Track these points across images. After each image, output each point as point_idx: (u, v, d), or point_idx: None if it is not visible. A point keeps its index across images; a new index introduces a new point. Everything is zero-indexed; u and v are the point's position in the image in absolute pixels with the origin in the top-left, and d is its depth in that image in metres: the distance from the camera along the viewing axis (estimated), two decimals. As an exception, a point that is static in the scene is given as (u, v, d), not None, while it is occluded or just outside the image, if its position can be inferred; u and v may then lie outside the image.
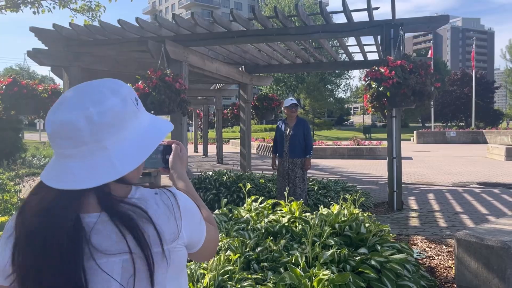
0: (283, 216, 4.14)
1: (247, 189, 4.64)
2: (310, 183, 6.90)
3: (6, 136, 13.41)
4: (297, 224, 3.79)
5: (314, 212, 4.15)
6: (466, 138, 28.43)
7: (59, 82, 8.15)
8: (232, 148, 25.99)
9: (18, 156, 14.02)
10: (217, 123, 15.41)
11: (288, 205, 4.29)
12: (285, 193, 4.59)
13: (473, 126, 33.06)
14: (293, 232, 3.62)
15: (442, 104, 49.50)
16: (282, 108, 6.59)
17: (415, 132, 30.46)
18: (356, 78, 65.11)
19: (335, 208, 4.15)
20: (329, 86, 46.94)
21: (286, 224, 3.76)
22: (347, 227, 3.60)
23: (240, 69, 10.35)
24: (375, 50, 9.09)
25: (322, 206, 4.57)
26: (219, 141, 15.24)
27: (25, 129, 23.54)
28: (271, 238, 3.56)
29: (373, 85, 5.71)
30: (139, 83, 6.36)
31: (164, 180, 10.07)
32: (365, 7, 6.46)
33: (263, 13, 15.53)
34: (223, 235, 3.70)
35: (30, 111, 7.46)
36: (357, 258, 3.12)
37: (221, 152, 15.06)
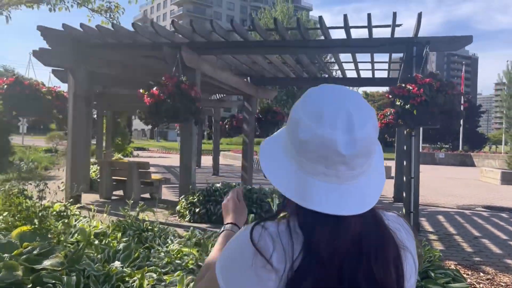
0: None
1: (274, 204, 4.41)
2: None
3: (-5, 138, 12.88)
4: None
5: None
6: (455, 161, 28.74)
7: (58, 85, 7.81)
8: (223, 160, 25.66)
9: (5, 160, 13.48)
10: (215, 135, 15.14)
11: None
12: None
13: (460, 149, 33.49)
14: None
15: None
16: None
17: (404, 151, 30.64)
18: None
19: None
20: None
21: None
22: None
23: (245, 80, 10.17)
24: (370, 68, 9.01)
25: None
26: (215, 152, 14.97)
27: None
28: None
29: (398, 103, 5.58)
30: (154, 89, 6.10)
31: (164, 191, 9.76)
32: (367, 24, 6.36)
33: (261, 23, 15.31)
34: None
35: (33, 112, 7.11)
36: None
37: (217, 164, 14.77)
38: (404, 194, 6.54)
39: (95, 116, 13.99)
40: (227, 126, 15.16)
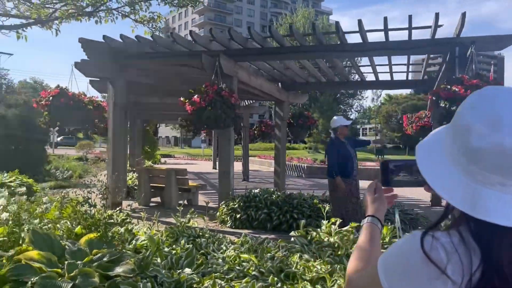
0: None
1: (325, 208, 4.39)
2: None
3: (32, 148, 13.28)
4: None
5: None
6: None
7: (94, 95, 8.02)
8: (250, 165, 25.72)
9: (43, 168, 13.87)
10: (244, 140, 15.20)
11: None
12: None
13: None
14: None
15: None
16: (334, 128, 6.22)
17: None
18: (368, 99, 65.18)
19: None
20: (341, 106, 46.92)
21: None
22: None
23: (277, 85, 10.19)
24: (388, 71, 8.91)
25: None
26: (245, 158, 15.02)
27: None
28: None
29: (443, 104, 5.49)
30: (195, 97, 6.18)
31: (200, 197, 9.84)
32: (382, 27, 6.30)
33: (279, 31, 15.32)
34: (315, 261, 3.43)
35: (76, 123, 7.29)
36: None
37: (247, 170, 14.82)
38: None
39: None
40: (255, 131, 15.22)
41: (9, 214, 3.03)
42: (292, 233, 4.36)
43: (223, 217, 6.83)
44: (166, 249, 3.35)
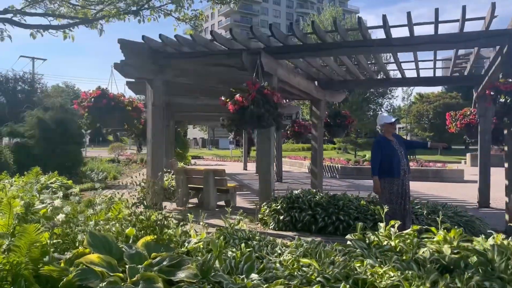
0: (438, 244, 3.62)
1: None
2: (416, 207, 6.33)
3: (69, 150, 13.47)
4: (472, 257, 3.25)
5: (477, 242, 3.60)
6: None
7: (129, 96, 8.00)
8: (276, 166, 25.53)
9: (79, 169, 14.07)
10: (277, 141, 15.01)
11: (442, 232, 3.76)
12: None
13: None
14: (480, 265, 3.07)
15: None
16: (380, 126, 5.99)
17: (468, 154, 29.07)
18: (399, 98, 63.49)
19: (499, 238, 3.60)
20: (371, 105, 46.06)
21: (462, 255, 3.22)
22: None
23: (314, 83, 9.96)
24: (414, 67, 8.54)
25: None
26: (279, 159, 14.82)
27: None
28: (449, 272, 3.04)
29: (503, 99, 5.15)
30: (237, 96, 6.03)
31: (240, 201, 9.71)
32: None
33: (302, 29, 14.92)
34: (382, 267, 3.19)
35: (115, 124, 7.28)
36: None
37: (281, 171, 14.62)
38: (508, 200, 6.03)
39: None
40: (288, 131, 15.00)
41: (65, 215, 2.94)
42: (348, 236, 4.14)
43: (265, 219, 6.66)
44: (229, 253, 3.20)
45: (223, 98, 6.35)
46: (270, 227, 6.46)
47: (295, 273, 3.16)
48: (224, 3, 5.63)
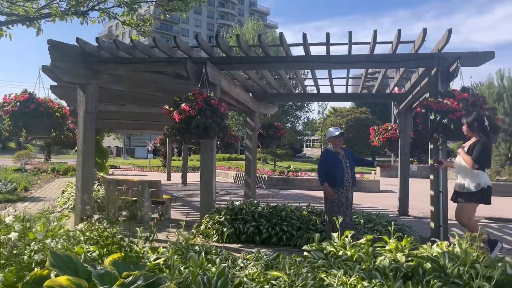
0: (391, 253, 3.83)
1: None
2: (354, 216, 6.64)
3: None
4: (426, 263, 3.48)
5: (426, 249, 3.87)
6: (426, 173, 29.50)
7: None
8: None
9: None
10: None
11: (393, 240, 3.98)
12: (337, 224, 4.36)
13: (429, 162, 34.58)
14: (434, 271, 3.30)
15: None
16: (327, 139, 6.30)
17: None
18: (315, 111, 66.76)
19: (443, 245, 3.91)
20: (289, 118, 47.74)
21: (419, 263, 3.44)
22: (481, 267, 3.34)
23: (250, 95, 10.08)
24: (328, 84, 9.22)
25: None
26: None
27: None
28: (409, 281, 3.23)
29: (433, 117, 5.63)
30: (184, 105, 5.88)
31: (173, 213, 9.39)
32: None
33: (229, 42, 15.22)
34: (350, 277, 3.30)
35: (44, 131, 6.67)
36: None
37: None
38: (432, 209, 6.57)
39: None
40: (218, 142, 14.95)
41: (18, 234, 2.61)
42: (305, 247, 4.22)
43: (207, 231, 6.53)
44: (213, 269, 3.07)
45: (166, 107, 6.16)
46: (214, 240, 6.35)
47: (265, 287, 3.14)
48: (174, 11, 5.46)
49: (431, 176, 6.66)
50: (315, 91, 10.29)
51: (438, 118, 5.57)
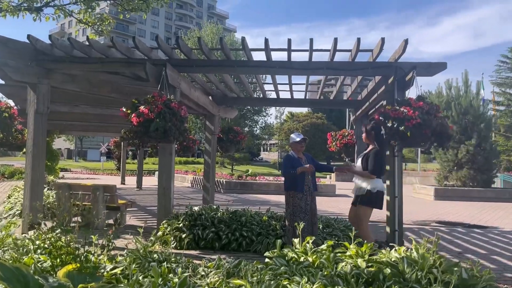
0: (352, 258, 3.87)
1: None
2: (313, 221, 6.68)
3: None
4: (385, 269, 3.53)
5: (383, 254, 3.94)
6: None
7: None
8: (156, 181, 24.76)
9: None
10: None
11: (354, 246, 4.02)
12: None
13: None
14: (394, 277, 3.35)
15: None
16: (290, 144, 6.33)
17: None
18: (273, 116, 67.34)
19: (401, 250, 4.00)
20: (247, 122, 47.85)
21: (380, 269, 3.48)
22: (438, 272, 3.44)
23: (210, 99, 9.96)
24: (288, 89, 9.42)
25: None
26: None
27: None
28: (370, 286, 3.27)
29: (390, 124, 5.78)
30: (142, 107, 5.70)
31: (129, 218, 9.07)
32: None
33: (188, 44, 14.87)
34: (313, 284, 3.29)
35: (-8, 131, 6.26)
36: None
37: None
38: (388, 214, 6.74)
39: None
40: (176, 145, 14.69)
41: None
42: (267, 253, 4.18)
43: (165, 237, 6.35)
44: (175, 279, 2.94)
45: (124, 109, 5.95)
46: (171, 246, 6.18)
47: (229, 295, 3.06)
48: (134, 11, 5.26)
49: (387, 182, 6.82)
50: (275, 96, 10.35)
51: (395, 126, 5.71)
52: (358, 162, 5.86)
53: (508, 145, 38.11)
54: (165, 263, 3.84)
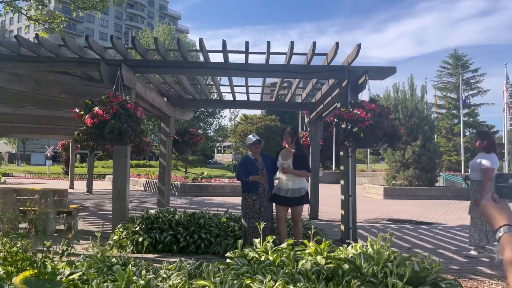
0: (311, 256, 3.98)
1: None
2: (271, 222, 6.77)
3: None
4: (344, 264, 3.66)
5: (341, 250, 4.08)
6: (331, 179, 31.39)
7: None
8: (109, 184, 24.02)
9: None
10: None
11: (313, 244, 4.13)
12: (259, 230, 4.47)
13: (334, 168, 36.81)
14: (352, 272, 3.48)
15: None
16: (247, 146, 6.38)
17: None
18: (227, 118, 67.25)
19: (357, 247, 4.16)
20: (201, 124, 47.51)
21: (336, 265, 3.60)
22: (393, 266, 3.61)
23: (165, 100, 9.83)
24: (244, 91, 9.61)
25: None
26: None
27: None
28: (330, 282, 3.37)
29: (344, 125, 5.99)
30: (97, 108, 5.55)
31: (81, 223, 8.72)
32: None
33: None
34: (275, 282, 3.35)
35: None
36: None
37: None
38: (342, 212, 6.96)
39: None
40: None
41: None
42: (228, 254, 4.20)
43: (121, 241, 6.20)
44: (141, 281, 2.88)
45: (77, 110, 5.77)
46: (128, 250, 6.03)
47: (192, 297, 3.06)
48: (89, 9, 5.08)
49: (341, 182, 7.05)
50: (231, 98, 10.38)
51: (349, 127, 5.93)
52: (290, 163, 5.88)
53: (449, 146, 40.46)
54: (124, 266, 3.76)
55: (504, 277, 5.00)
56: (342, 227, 7.00)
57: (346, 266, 3.63)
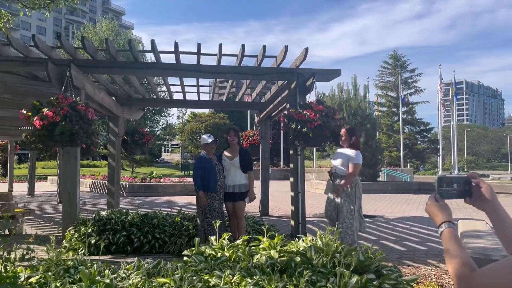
0: (265, 251, 4.20)
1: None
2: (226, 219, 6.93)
3: None
4: (296, 257, 3.91)
5: (292, 244, 4.34)
6: (279, 175, 32.03)
7: None
8: (51, 186, 23.05)
9: None
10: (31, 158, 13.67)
11: (266, 239, 4.35)
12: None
13: (282, 165, 37.56)
14: (303, 264, 3.73)
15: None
16: (201, 146, 6.49)
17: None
18: (175, 116, 66.15)
19: (307, 240, 4.44)
20: (148, 122, 46.59)
21: (291, 257, 3.85)
22: (341, 256, 3.92)
23: (113, 100, 9.68)
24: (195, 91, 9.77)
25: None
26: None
27: None
28: (284, 274, 3.61)
29: (294, 126, 6.28)
30: (46, 110, 5.44)
31: (26, 227, 8.38)
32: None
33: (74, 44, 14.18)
34: (232, 277, 3.54)
35: None
36: (375, 283, 3.47)
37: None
38: (292, 208, 7.27)
39: None
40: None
41: None
42: (186, 251, 4.33)
43: (73, 244, 6.11)
44: (107, 280, 2.93)
45: (24, 112, 5.61)
46: (80, 253, 5.97)
47: (154, 294, 3.17)
48: (37, 8, 4.92)
49: (291, 179, 7.36)
50: (181, 97, 10.40)
51: (299, 127, 6.22)
52: (227, 164, 6.21)
53: (390, 142, 42.59)
54: (85, 268, 3.78)
55: (437, 264, 5.52)
56: (292, 222, 7.31)
57: (298, 258, 3.89)
